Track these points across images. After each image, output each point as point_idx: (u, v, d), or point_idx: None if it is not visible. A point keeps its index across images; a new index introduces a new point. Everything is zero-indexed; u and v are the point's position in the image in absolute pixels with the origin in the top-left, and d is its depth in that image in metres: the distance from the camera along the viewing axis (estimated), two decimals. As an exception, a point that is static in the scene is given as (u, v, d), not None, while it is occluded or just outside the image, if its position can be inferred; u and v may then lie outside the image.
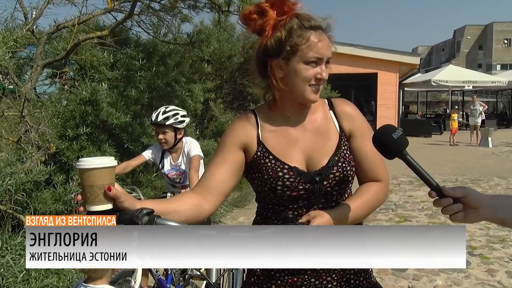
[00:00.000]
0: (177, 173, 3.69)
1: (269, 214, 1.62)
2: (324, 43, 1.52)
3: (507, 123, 27.87)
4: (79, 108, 4.80)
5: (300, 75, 1.52)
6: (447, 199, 1.24)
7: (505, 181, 9.71)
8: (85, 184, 1.23)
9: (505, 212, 1.27)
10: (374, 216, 6.78)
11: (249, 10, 1.57)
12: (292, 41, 1.51)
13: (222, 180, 1.57)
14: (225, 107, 8.32)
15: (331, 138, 1.61)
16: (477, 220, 1.27)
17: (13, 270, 2.45)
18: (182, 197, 1.61)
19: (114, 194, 1.26)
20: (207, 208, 1.53)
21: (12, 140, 3.86)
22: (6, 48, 2.77)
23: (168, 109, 3.51)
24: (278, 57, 1.54)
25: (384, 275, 4.55)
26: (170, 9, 5.88)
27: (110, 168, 1.25)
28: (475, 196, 1.25)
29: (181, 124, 3.51)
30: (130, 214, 1.25)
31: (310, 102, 1.58)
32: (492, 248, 5.31)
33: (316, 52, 1.50)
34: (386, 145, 1.34)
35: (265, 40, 1.54)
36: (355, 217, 1.57)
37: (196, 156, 3.54)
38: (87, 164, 1.22)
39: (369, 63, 19.81)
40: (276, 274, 1.60)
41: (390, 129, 1.33)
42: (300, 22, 1.53)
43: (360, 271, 1.66)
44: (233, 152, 1.59)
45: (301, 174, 1.54)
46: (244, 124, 1.63)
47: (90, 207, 1.25)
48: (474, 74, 26.50)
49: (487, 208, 1.25)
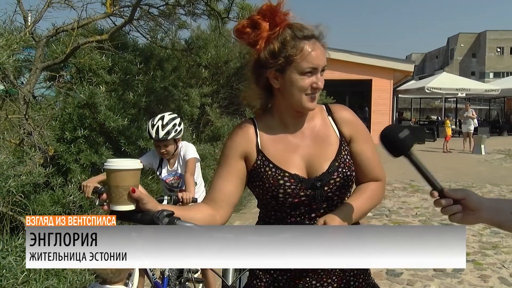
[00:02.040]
0: (174, 178, 3.69)
1: (272, 221, 1.64)
2: (318, 52, 1.54)
3: (500, 131, 28.06)
4: (77, 111, 4.82)
5: (296, 85, 1.54)
6: (447, 199, 1.29)
7: (497, 188, 9.80)
8: (111, 184, 1.27)
9: (503, 216, 1.30)
10: (368, 221, 6.84)
11: (242, 24, 1.58)
12: (286, 53, 1.52)
13: (228, 193, 1.60)
14: (221, 112, 8.36)
15: (331, 144, 1.64)
16: (476, 222, 1.31)
17: (14, 271, 2.48)
18: (199, 206, 1.65)
19: (138, 196, 1.29)
20: (219, 219, 1.56)
21: (14, 143, 3.87)
22: (10, 50, 2.80)
23: (166, 122, 3.42)
24: (273, 69, 1.55)
25: (379, 279, 4.59)
26: (168, 15, 5.93)
27: (135, 170, 1.29)
28: (475, 199, 1.29)
29: (180, 133, 3.50)
30: (151, 215, 1.28)
31: (307, 110, 1.60)
32: (485, 254, 5.37)
33: (310, 63, 1.52)
34: (392, 143, 1.37)
35: (259, 53, 1.56)
36: (360, 214, 1.61)
37: (192, 159, 3.53)
38: (114, 165, 1.26)
39: (363, 69, 19.96)
40: (278, 277, 1.63)
41: (397, 128, 1.37)
42: (293, 33, 1.54)
43: (359, 272, 1.68)
44: (235, 163, 1.62)
45: (302, 181, 1.56)
46: (243, 134, 1.64)
47: (114, 207, 1.28)
48: (467, 81, 26.71)
49: (486, 211, 1.29)
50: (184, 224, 1.30)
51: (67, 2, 5.02)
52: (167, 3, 5.87)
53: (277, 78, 1.57)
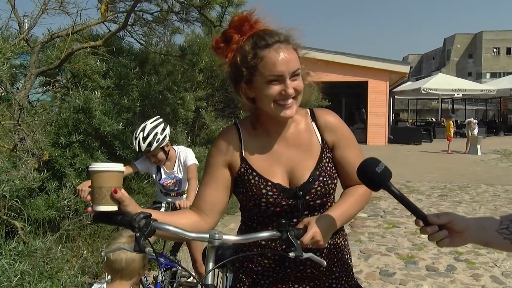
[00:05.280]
0: (172, 181, 3.72)
1: (254, 224, 1.65)
2: (283, 58, 1.46)
3: (496, 131, 28.19)
4: (72, 116, 4.86)
5: (265, 95, 1.50)
6: (432, 227, 1.28)
7: (492, 188, 9.86)
8: (94, 185, 1.32)
9: (488, 234, 1.31)
10: (363, 222, 6.89)
11: (215, 40, 1.58)
12: (248, 63, 1.49)
13: (213, 201, 1.61)
14: (216, 115, 8.39)
15: (313, 152, 1.63)
16: (464, 243, 1.32)
17: (8, 274, 2.51)
18: (184, 212, 1.66)
19: (119, 197, 1.32)
20: (205, 225, 1.58)
21: (8, 148, 3.91)
22: (5, 58, 2.84)
23: (147, 133, 3.36)
24: (242, 80, 1.53)
25: (372, 280, 4.64)
26: (162, 20, 5.98)
27: (118, 172, 1.34)
28: (460, 221, 1.30)
29: (165, 140, 3.45)
30: (130, 217, 1.32)
31: (282, 118, 1.55)
32: (478, 253, 5.42)
33: (273, 71, 1.46)
34: (371, 179, 1.37)
35: (227, 67, 1.56)
36: (346, 219, 1.60)
37: (193, 165, 3.60)
38: (97, 167, 1.31)
39: (359, 71, 20.07)
40: (261, 281, 1.65)
41: (374, 163, 1.36)
42: (254, 42, 1.49)
43: (341, 275, 1.70)
44: (219, 171, 1.62)
45: (284, 191, 1.57)
46: (226, 141, 1.63)
47: (97, 207, 1.32)
48: (463, 82, 26.83)
49: (471, 231, 1.30)
50: (160, 226, 1.34)
51: (62, 8, 5.05)
52: (161, 9, 5.93)
53: (250, 89, 1.54)
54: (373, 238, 6.14)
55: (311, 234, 1.42)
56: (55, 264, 3.28)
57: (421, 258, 5.31)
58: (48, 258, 3.29)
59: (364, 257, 5.38)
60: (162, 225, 1.35)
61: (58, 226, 4.20)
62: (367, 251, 5.60)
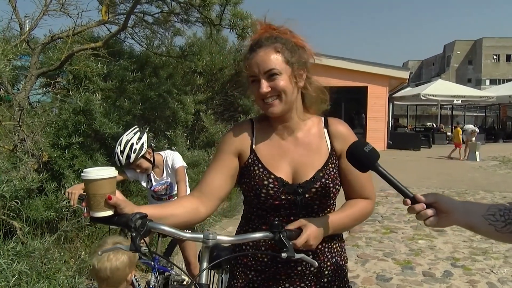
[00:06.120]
0: (162, 186, 3.73)
1: (253, 217, 1.70)
2: (257, 59, 1.58)
3: (496, 138, 28.20)
4: (72, 117, 4.87)
5: (252, 93, 1.64)
6: (419, 204, 1.31)
7: (490, 195, 9.88)
8: (89, 192, 1.34)
9: (475, 218, 1.33)
10: (360, 227, 6.89)
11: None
12: (244, 65, 1.64)
13: (218, 185, 1.65)
14: (215, 118, 8.42)
15: (321, 155, 1.68)
16: (449, 224, 1.35)
17: (5, 274, 2.52)
18: (180, 201, 1.70)
19: (114, 202, 1.35)
20: (203, 211, 1.61)
21: (8, 148, 3.93)
22: (7, 60, 2.86)
23: (123, 147, 3.34)
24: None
25: (368, 284, 4.65)
26: (163, 22, 6.01)
27: (111, 178, 1.36)
28: (447, 201, 1.33)
29: (143, 149, 3.40)
30: (126, 217, 1.35)
31: (270, 115, 1.64)
32: (475, 259, 5.43)
33: (250, 71, 1.60)
34: (359, 159, 1.41)
35: None
36: (342, 227, 1.65)
37: (181, 167, 3.58)
38: (90, 175, 1.33)
39: (359, 76, 20.11)
40: (253, 278, 1.70)
41: (361, 144, 1.41)
42: (249, 46, 1.64)
43: (333, 279, 1.72)
44: (228, 158, 1.68)
45: (284, 185, 1.61)
46: (240, 132, 1.71)
47: (93, 213, 1.35)
48: (463, 88, 26.85)
49: (458, 212, 1.33)
50: (155, 226, 1.36)
51: (63, 10, 5.08)
52: (161, 11, 5.95)
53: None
54: (370, 243, 6.15)
55: (305, 237, 1.48)
56: (53, 265, 3.29)
57: (418, 263, 5.32)
58: (46, 259, 3.30)
59: (361, 261, 5.39)
60: (157, 225, 1.38)
61: (56, 227, 4.21)
62: (364, 256, 5.62)
